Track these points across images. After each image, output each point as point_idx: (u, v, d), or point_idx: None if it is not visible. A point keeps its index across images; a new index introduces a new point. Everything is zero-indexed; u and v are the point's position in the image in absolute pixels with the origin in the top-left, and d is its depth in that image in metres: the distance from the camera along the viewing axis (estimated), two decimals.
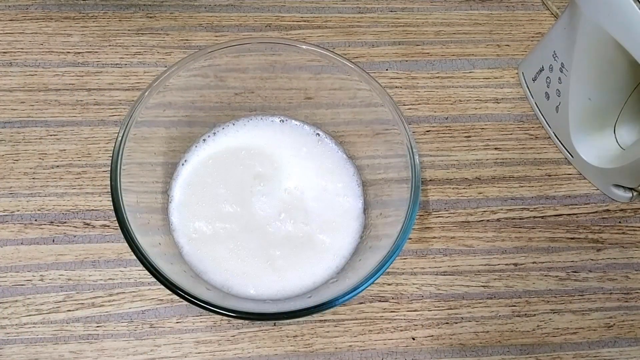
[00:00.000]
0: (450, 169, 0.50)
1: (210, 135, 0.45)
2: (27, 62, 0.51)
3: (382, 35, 0.55)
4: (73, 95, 0.50)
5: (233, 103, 0.46)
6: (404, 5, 0.57)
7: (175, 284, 0.34)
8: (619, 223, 0.49)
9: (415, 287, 0.45)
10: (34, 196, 0.46)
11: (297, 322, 0.43)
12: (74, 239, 0.45)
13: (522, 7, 0.58)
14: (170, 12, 0.54)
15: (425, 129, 0.51)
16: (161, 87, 0.39)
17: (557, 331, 0.45)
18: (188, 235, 0.42)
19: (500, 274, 0.46)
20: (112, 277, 0.44)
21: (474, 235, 0.47)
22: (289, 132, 0.46)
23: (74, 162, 0.47)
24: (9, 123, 0.48)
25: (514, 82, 0.54)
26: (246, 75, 0.44)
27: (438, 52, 0.55)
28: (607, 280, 0.47)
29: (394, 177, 0.41)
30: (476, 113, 0.52)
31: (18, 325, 0.42)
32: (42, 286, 0.43)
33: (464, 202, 0.49)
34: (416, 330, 0.44)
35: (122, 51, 0.52)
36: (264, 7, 0.56)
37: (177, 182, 0.43)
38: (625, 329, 0.45)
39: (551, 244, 0.48)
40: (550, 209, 0.49)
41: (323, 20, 0.55)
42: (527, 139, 0.52)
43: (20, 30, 0.52)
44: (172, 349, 0.42)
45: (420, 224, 0.47)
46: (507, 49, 0.56)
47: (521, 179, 0.50)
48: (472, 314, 0.45)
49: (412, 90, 0.53)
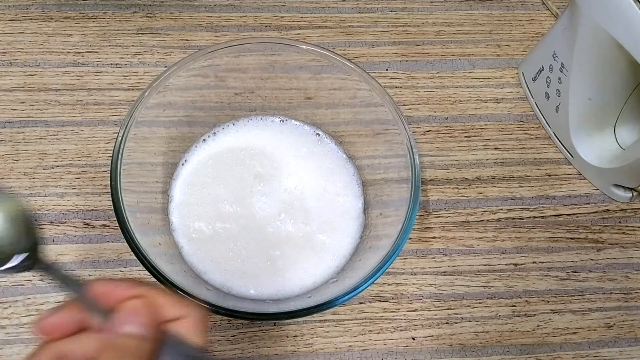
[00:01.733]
0: (450, 169, 0.50)
1: (210, 135, 0.45)
2: (27, 62, 0.51)
3: (382, 35, 0.55)
4: (73, 95, 0.50)
5: (233, 103, 0.46)
6: (404, 5, 0.57)
7: (176, 284, 0.34)
8: (619, 223, 0.49)
9: (415, 287, 0.45)
10: (34, 196, 0.46)
11: (297, 322, 0.43)
12: (74, 238, 0.45)
13: (522, 7, 0.58)
14: (170, 12, 0.54)
15: (425, 129, 0.51)
16: (161, 87, 0.39)
17: (557, 331, 0.45)
18: (188, 235, 0.42)
19: (500, 274, 0.46)
20: (112, 277, 0.44)
21: (474, 235, 0.47)
22: (289, 132, 0.46)
23: (74, 162, 0.47)
24: (9, 123, 0.48)
25: (514, 82, 0.54)
26: (246, 75, 0.44)
27: (438, 52, 0.55)
28: (607, 280, 0.47)
29: (394, 177, 0.41)
30: (476, 113, 0.52)
31: (18, 325, 0.42)
32: (42, 286, 0.43)
33: (464, 202, 0.49)
34: (416, 330, 0.44)
35: (122, 51, 0.52)
36: (264, 7, 0.56)
37: (177, 182, 0.43)
38: (625, 329, 0.45)
39: (551, 244, 0.48)
40: (550, 209, 0.49)
41: (323, 20, 0.55)
42: (527, 139, 0.52)
43: (20, 30, 0.52)
44: None
45: (420, 224, 0.47)
46: (507, 49, 0.56)
47: (521, 179, 0.50)
48: (472, 314, 0.45)
49: (412, 90, 0.53)
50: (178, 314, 0.26)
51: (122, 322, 0.25)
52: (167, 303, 0.26)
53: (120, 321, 0.25)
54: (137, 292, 0.26)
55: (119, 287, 0.27)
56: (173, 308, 0.26)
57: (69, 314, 0.26)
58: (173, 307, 0.26)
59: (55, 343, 0.26)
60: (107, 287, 0.27)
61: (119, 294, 0.26)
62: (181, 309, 0.26)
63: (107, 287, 0.27)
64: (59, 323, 0.26)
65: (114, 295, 0.26)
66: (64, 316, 0.26)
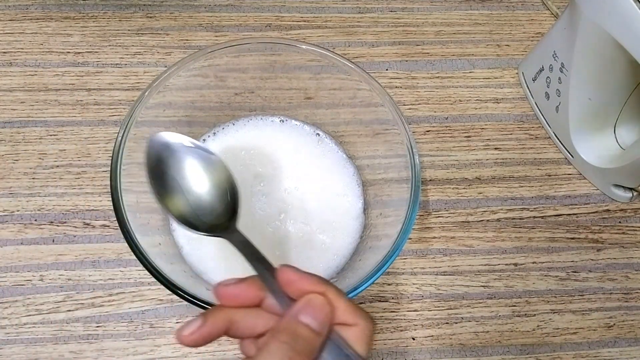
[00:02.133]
0: (450, 169, 0.50)
1: (210, 135, 0.45)
2: (27, 62, 0.51)
3: (382, 35, 0.55)
4: (73, 95, 0.50)
5: (233, 103, 0.46)
6: (404, 5, 0.57)
7: (175, 284, 0.34)
8: (619, 223, 0.49)
9: (415, 287, 0.45)
10: (34, 196, 0.46)
11: None
12: (74, 239, 0.45)
13: (522, 7, 0.58)
14: (170, 12, 0.54)
15: (425, 129, 0.51)
16: (161, 87, 0.39)
17: (557, 331, 0.45)
18: (188, 235, 0.42)
19: (500, 274, 0.46)
20: (112, 277, 0.44)
21: (474, 235, 0.47)
22: (289, 132, 0.46)
23: (74, 162, 0.47)
24: (8, 123, 0.48)
25: (514, 82, 0.54)
26: (246, 75, 0.44)
27: (438, 52, 0.55)
28: (607, 280, 0.47)
29: (394, 177, 0.41)
30: (476, 113, 0.52)
31: (18, 325, 0.42)
32: (42, 286, 0.43)
33: (464, 202, 0.49)
34: (416, 330, 0.44)
35: (122, 51, 0.52)
36: (264, 7, 0.56)
37: None
38: (626, 329, 0.45)
39: (551, 244, 0.48)
40: (550, 209, 0.49)
41: (323, 20, 0.55)
42: (527, 139, 0.52)
43: (20, 30, 0.52)
44: (172, 349, 0.42)
45: (420, 224, 0.47)
46: (507, 49, 0.56)
47: (521, 179, 0.50)
48: (472, 314, 0.45)
49: (412, 90, 0.53)
50: (350, 321, 0.27)
51: (299, 312, 0.26)
52: (343, 307, 0.27)
53: (298, 310, 0.26)
54: (320, 289, 0.27)
55: (305, 279, 0.27)
56: (346, 313, 0.27)
57: (249, 288, 0.28)
58: (347, 312, 0.27)
59: (230, 309, 0.27)
60: (293, 275, 0.27)
61: (302, 286, 0.27)
62: (354, 316, 0.27)
63: (294, 276, 0.27)
64: (238, 293, 0.28)
65: (297, 285, 0.27)
66: (244, 289, 0.28)
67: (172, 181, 0.32)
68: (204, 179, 0.33)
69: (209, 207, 0.32)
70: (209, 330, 0.27)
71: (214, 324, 0.27)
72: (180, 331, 0.26)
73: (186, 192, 0.32)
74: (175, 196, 0.32)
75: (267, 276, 0.28)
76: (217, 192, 0.33)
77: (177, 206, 0.32)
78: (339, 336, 0.26)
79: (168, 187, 0.32)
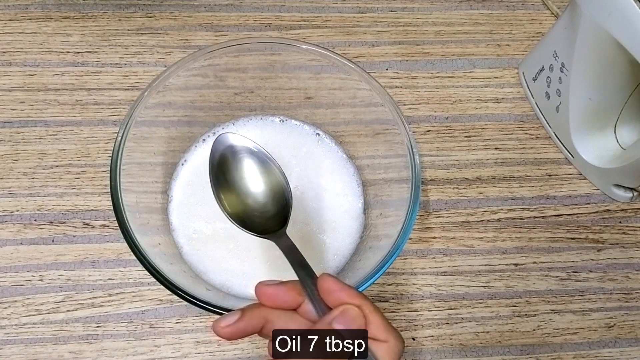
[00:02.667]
0: (451, 169, 0.50)
1: (210, 135, 0.45)
2: (27, 62, 0.51)
3: (382, 35, 0.55)
4: (72, 95, 0.50)
5: (233, 103, 0.46)
6: (404, 5, 0.57)
7: (175, 284, 0.34)
8: (620, 223, 0.49)
9: (415, 287, 0.45)
10: (34, 196, 0.46)
11: None
12: (74, 239, 0.45)
13: (523, 7, 0.58)
14: (170, 12, 0.54)
15: (425, 128, 0.51)
16: (161, 87, 0.39)
17: (557, 331, 0.45)
18: (188, 235, 0.42)
19: (500, 274, 0.46)
20: (112, 277, 0.44)
21: (474, 236, 0.47)
22: (289, 132, 0.46)
23: (74, 162, 0.47)
24: (8, 123, 0.48)
25: (514, 82, 0.54)
26: (246, 75, 0.44)
27: (438, 52, 0.55)
28: (608, 281, 0.47)
29: (394, 177, 0.41)
30: (476, 113, 0.52)
31: (18, 325, 0.42)
32: (41, 286, 0.43)
33: (464, 202, 0.48)
34: (416, 330, 0.44)
35: (121, 51, 0.52)
36: (264, 7, 0.55)
37: (176, 182, 0.43)
38: (626, 329, 0.45)
39: (551, 244, 0.48)
40: (550, 209, 0.49)
41: (323, 20, 0.55)
42: (528, 138, 0.52)
43: (19, 30, 0.52)
44: (172, 349, 0.42)
45: (420, 224, 0.47)
46: (508, 49, 0.56)
47: (521, 179, 0.50)
48: (473, 314, 0.45)
49: (412, 90, 0.53)
50: (382, 337, 0.27)
51: (334, 319, 0.27)
52: (377, 323, 0.27)
53: (333, 318, 0.27)
54: (357, 301, 0.27)
55: (344, 290, 0.28)
56: (379, 329, 0.27)
57: (289, 292, 0.29)
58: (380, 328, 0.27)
59: (267, 308, 0.28)
60: (333, 285, 0.28)
61: (340, 296, 0.28)
62: (386, 333, 0.27)
63: (334, 286, 0.28)
64: (277, 295, 0.29)
65: (336, 295, 0.28)
66: (284, 291, 0.29)
67: (233, 182, 0.34)
68: (263, 183, 0.35)
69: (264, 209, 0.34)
70: (245, 325, 0.27)
71: (250, 320, 0.28)
72: (218, 322, 0.27)
73: (245, 194, 0.35)
74: (234, 196, 0.34)
75: (307, 283, 0.29)
76: (273, 197, 0.34)
77: (234, 206, 0.34)
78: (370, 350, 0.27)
79: (228, 187, 0.34)
